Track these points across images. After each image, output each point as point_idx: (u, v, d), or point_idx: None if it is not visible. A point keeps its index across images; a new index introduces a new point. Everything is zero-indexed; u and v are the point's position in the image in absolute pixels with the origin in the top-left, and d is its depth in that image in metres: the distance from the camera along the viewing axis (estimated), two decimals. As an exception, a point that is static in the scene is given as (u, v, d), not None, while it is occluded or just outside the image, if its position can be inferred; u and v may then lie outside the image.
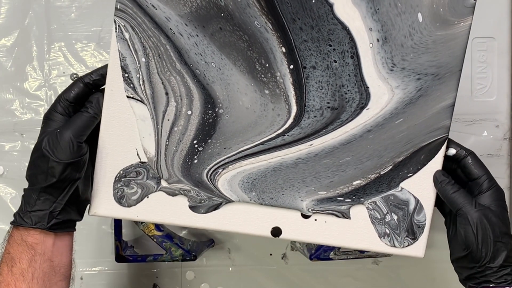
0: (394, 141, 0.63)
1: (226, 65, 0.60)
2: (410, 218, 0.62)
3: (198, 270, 0.81)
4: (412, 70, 0.61)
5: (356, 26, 0.60)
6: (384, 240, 0.62)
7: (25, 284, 0.51)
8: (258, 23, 0.60)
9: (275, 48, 0.61)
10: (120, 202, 0.61)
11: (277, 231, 0.63)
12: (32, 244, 0.52)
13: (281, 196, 0.63)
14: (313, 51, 0.61)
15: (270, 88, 0.61)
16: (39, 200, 0.53)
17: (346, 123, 0.63)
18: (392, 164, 0.63)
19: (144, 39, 0.60)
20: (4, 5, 0.75)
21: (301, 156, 0.62)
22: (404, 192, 0.63)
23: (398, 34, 0.60)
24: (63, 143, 0.53)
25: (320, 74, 0.61)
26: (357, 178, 0.64)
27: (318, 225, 0.63)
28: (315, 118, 0.62)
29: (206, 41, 0.60)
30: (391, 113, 0.63)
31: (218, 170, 0.62)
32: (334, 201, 0.63)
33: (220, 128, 0.61)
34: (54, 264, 0.53)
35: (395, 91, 0.62)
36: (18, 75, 0.77)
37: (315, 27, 0.60)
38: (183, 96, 0.61)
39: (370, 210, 0.63)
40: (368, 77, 0.62)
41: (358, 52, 0.61)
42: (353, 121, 0.63)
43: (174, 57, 0.60)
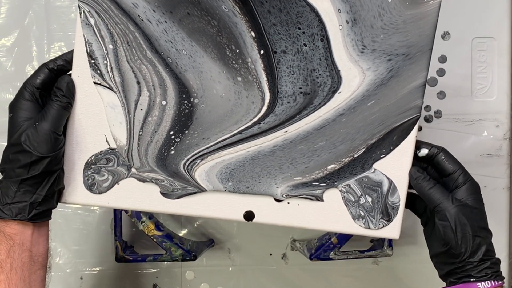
0: (367, 123, 0.56)
1: (197, 52, 0.54)
2: (384, 199, 0.56)
3: (198, 270, 0.74)
4: (383, 51, 0.54)
5: (324, 7, 0.53)
6: (358, 222, 0.56)
7: (3, 275, 0.47)
8: (226, 7, 0.54)
9: (244, 33, 0.54)
10: (91, 190, 0.56)
11: (250, 215, 0.57)
12: (10, 235, 0.48)
13: (257, 184, 0.56)
14: (282, 35, 0.54)
15: (242, 75, 0.55)
16: (19, 191, 0.48)
17: (319, 108, 0.56)
18: (365, 147, 0.57)
19: (111, 26, 0.53)
20: (4, 5, 0.70)
21: (278, 143, 0.56)
22: (377, 173, 0.57)
23: (368, 15, 0.54)
24: (43, 136, 0.48)
25: (291, 58, 0.55)
26: (332, 162, 0.57)
27: (291, 208, 0.57)
28: (288, 104, 0.56)
29: (175, 27, 0.54)
30: (363, 95, 0.56)
31: (196, 161, 0.56)
32: (309, 186, 0.57)
33: (197, 119, 0.55)
34: (32, 254, 0.49)
35: (366, 73, 0.56)
36: (18, 75, 0.71)
37: (283, 10, 0.53)
38: (156, 85, 0.55)
39: (344, 193, 0.57)
40: (339, 60, 0.55)
41: (328, 35, 0.55)
42: (325, 106, 0.56)
43: (144, 45, 0.54)
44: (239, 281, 0.73)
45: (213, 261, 0.73)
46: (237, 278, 0.73)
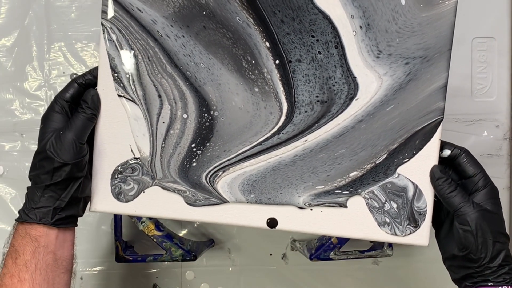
0: (387, 128, 0.51)
1: (214, 64, 0.51)
2: (410, 205, 0.50)
3: (198, 270, 0.68)
4: (399, 55, 0.50)
5: (337, 14, 0.49)
6: (384, 229, 0.50)
7: (28, 275, 0.45)
8: (240, 18, 0.50)
9: (259, 43, 0.50)
10: (118, 198, 0.52)
11: (273, 222, 0.52)
12: (36, 237, 0.46)
13: (279, 195, 0.52)
14: (296, 44, 0.50)
15: (259, 86, 0.51)
16: (43, 197, 0.47)
17: (337, 115, 0.51)
18: (386, 152, 0.51)
19: (131, 41, 0.51)
20: (4, 5, 0.64)
21: (298, 153, 0.51)
22: (401, 178, 0.51)
23: (381, 19, 0.49)
24: (66, 144, 0.47)
25: (306, 67, 0.50)
26: (353, 170, 0.52)
27: (315, 215, 0.52)
28: (306, 113, 0.51)
29: (192, 41, 0.51)
30: (381, 100, 0.51)
31: (218, 172, 0.52)
32: (331, 194, 0.52)
33: (218, 131, 0.51)
34: (57, 257, 0.47)
35: (383, 78, 0.51)
36: (18, 75, 0.66)
37: (296, 19, 0.49)
38: (177, 99, 0.52)
39: (368, 199, 0.51)
40: (354, 67, 0.50)
41: (342, 41, 0.50)
42: (343, 113, 0.51)
43: (164, 60, 0.51)
44: (239, 281, 0.67)
45: (213, 261, 0.68)
46: (237, 278, 0.67)
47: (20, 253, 0.45)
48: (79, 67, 0.66)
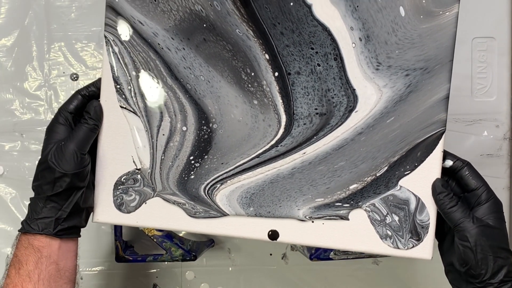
0: (387, 140, 0.48)
1: (214, 77, 0.48)
2: (413, 218, 0.47)
3: (198, 270, 0.65)
4: (399, 67, 0.47)
5: (336, 26, 0.46)
6: (387, 242, 0.47)
7: (31, 285, 0.43)
8: (240, 31, 0.48)
9: (259, 56, 0.48)
10: (120, 209, 0.50)
11: (275, 234, 0.49)
12: (39, 247, 0.44)
13: (278, 208, 0.49)
14: (296, 56, 0.47)
15: (258, 98, 0.48)
16: (45, 208, 0.45)
17: (336, 128, 0.48)
18: (387, 165, 0.48)
19: (133, 54, 0.49)
20: (4, 5, 0.61)
21: (296, 165, 0.49)
22: (403, 190, 0.48)
23: (381, 31, 0.46)
24: (67, 155, 0.45)
25: (305, 79, 0.48)
26: (354, 182, 0.48)
27: (316, 227, 0.48)
28: (305, 126, 0.48)
29: (192, 53, 0.48)
30: (381, 112, 0.48)
31: (216, 185, 0.49)
32: (332, 207, 0.48)
33: (216, 144, 0.49)
34: (59, 267, 0.45)
35: (383, 90, 0.48)
36: (18, 75, 0.63)
37: (295, 31, 0.47)
38: (176, 111, 0.49)
39: (369, 212, 0.48)
40: (353, 79, 0.48)
41: (341, 53, 0.47)
42: (343, 125, 0.48)
43: (165, 72, 0.49)
44: (239, 281, 0.64)
45: (213, 261, 0.64)
46: (237, 278, 0.64)
47: (23, 263, 0.43)
48: (79, 67, 0.63)
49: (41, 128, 0.62)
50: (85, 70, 0.63)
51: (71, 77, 0.63)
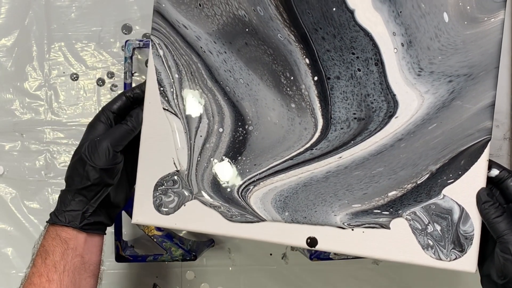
0: (429, 147, 0.44)
1: (253, 80, 0.47)
2: (456, 228, 0.43)
3: (198, 270, 0.62)
4: (442, 73, 0.44)
5: (378, 31, 0.44)
6: (428, 252, 0.43)
7: (56, 275, 0.42)
8: (281, 35, 0.46)
9: (299, 60, 0.46)
10: (159, 210, 0.48)
11: (313, 242, 0.46)
12: (65, 239, 0.43)
13: (314, 213, 0.46)
14: (336, 61, 0.45)
15: (296, 102, 0.46)
16: (74, 201, 0.44)
17: (375, 133, 0.45)
18: (429, 173, 0.44)
19: (176, 57, 0.48)
20: (4, 5, 0.59)
21: (331, 169, 0.45)
22: (447, 199, 0.44)
23: (424, 36, 0.43)
24: (100, 150, 0.44)
25: (344, 84, 0.45)
26: (393, 189, 0.45)
27: (356, 235, 0.45)
28: (342, 130, 0.46)
29: (233, 57, 0.47)
30: (423, 119, 0.44)
31: (249, 187, 0.47)
32: (370, 214, 0.45)
33: (250, 145, 0.47)
34: (84, 260, 0.44)
35: (425, 96, 0.44)
36: (18, 75, 0.60)
37: (337, 36, 0.45)
38: (214, 113, 0.48)
39: (410, 220, 0.44)
40: (394, 84, 0.45)
41: (382, 58, 0.45)
42: (382, 131, 0.45)
43: (205, 75, 0.47)
44: (239, 281, 0.61)
45: (213, 261, 0.62)
46: (237, 278, 0.61)
47: (50, 253, 0.42)
48: (79, 67, 0.61)
49: (41, 128, 0.60)
50: (85, 70, 0.60)
51: (71, 77, 0.61)
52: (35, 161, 0.59)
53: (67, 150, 0.60)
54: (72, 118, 0.60)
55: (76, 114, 0.60)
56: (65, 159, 0.60)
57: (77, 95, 0.60)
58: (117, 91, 0.59)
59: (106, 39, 0.59)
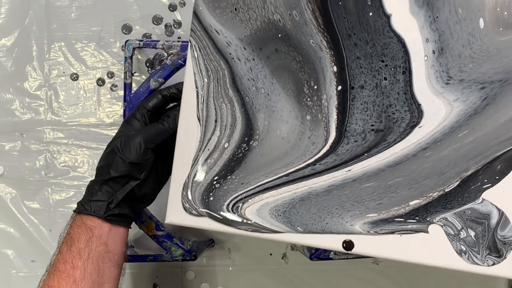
0: (459, 155, 0.35)
1: (275, 90, 0.38)
2: (493, 233, 0.34)
3: (198, 270, 0.53)
4: (473, 80, 0.35)
5: (412, 37, 0.36)
6: (464, 257, 0.35)
7: (81, 262, 0.36)
8: (314, 41, 0.37)
9: (327, 68, 0.37)
10: (186, 211, 0.39)
11: (350, 245, 0.36)
12: (91, 227, 0.38)
13: (325, 224, 0.36)
14: (364, 69, 0.37)
15: (312, 113, 0.38)
16: (100, 191, 0.39)
17: (394, 145, 0.36)
18: (459, 179, 0.36)
19: (207, 62, 0.40)
20: (4, 5, 0.51)
21: (335, 183, 0.36)
22: (486, 203, 0.35)
23: (456, 43, 0.35)
24: (132, 144, 0.39)
25: (367, 94, 0.37)
26: (415, 198, 0.36)
27: (393, 239, 0.36)
28: (355, 143, 0.37)
29: (260, 64, 0.38)
30: (452, 127, 0.36)
31: (238, 204, 0.38)
32: (392, 222, 0.36)
33: (246, 163, 0.38)
34: (109, 249, 0.38)
35: (454, 104, 0.36)
36: (18, 75, 0.52)
37: (369, 42, 0.36)
38: (228, 126, 0.39)
39: (442, 226, 0.35)
40: (419, 94, 0.36)
41: (411, 67, 0.36)
42: (402, 142, 0.36)
43: (229, 83, 0.39)
44: (239, 281, 0.54)
45: (213, 261, 0.54)
46: (237, 278, 0.54)
47: (75, 240, 0.37)
48: (79, 67, 0.53)
49: (41, 128, 0.52)
50: (85, 70, 0.53)
51: (71, 77, 0.53)
52: (35, 161, 0.52)
53: (67, 150, 0.53)
54: (72, 118, 0.53)
55: (76, 114, 0.53)
56: (65, 159, 0.52)
57: (77, 95, 0.53)
58: (117, 91, 0.52)
59: (106, 39, 0.52)
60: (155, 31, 0.50)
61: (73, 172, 0.52)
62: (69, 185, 0.52)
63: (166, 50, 0.45)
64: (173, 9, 0.49)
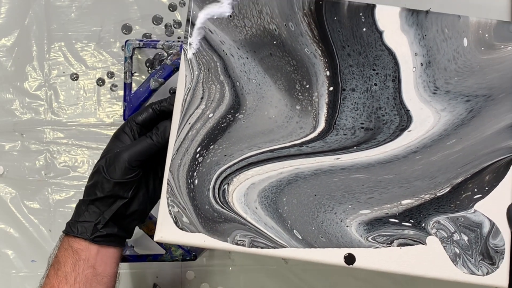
0: (448, 162, 0.35)
1: (266, 82, 0.36)
2: (485, 241, 0.34)
3: (198, 270, 0.50)
4: (459, 93, 0.35)
5: (402, 51, 0.35)
6: (459, 266, 0.33)
7: (67, 287, 0.33)
8: (308, 50, 0.36)
9: (320, 72, 0.36)
10: (177, 226, 0.34)
11: (351, 259, 0.34)
12: (77, 250, 0.34)
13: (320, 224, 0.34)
14: (356, 75, 0.35)
15: (302, 105, 0.35)
16: (87, 211, 0.35)
17: (384, 144, 0.35)
18: (450, 186, 0.35)
19: (198, 58, 0.37)
20: (4, 5, 0.47)
21: (323, 167, 0.34)
22: (478, 214, 0.34)
23: (442, 58, 0.35)
24: (117, 163, 0.34)
25: (358, 96, 0.35)
26: (407, 197, 0.35)
27: (394, 251, 0.34)
28: (344, 136, 0.35)
29: (254, 63, 0.36)
30: (440, 134, 0.35)
31: (224, 186, 0.33)
32: (387, 224, 0.34)
33: (230, 132, 0.34)
34: (97, 272, 0.34)
35: (441, 113, 0.35)
36: (18, 75, 0.48)
37: (362, 53, 0.35)
38: (214, 100, 0.35)
39: (436, 230, 0.34)
40: (408, 101, 0.35)
41: (400, 76, 0.35)
42: (393, 142, 0.35)
43: (220, 71, 0.36)
44: (239, 281, 0.50)
45: (213, 261, 0.50)
46: (237, 278, 0.50)
47: (62, 264, 0.34)
48: (79, 67, 0.48)
49: (41, 128, 0.48)
50: (85, 70, 0.49)
51: (71, 77, 0.48)
52: (35, 161, 0.49)
53: (67, 150, 0.48)
54: (72, 118, 0.49)
55: (76, 114, 0.49)
56: (65, 159, 0.48)
57: (77, 95, 0.48)
58: (117, 91, 0.48)
59: (106, 39, 0.47)
60: (155, 31, 0.46)
61: (73, 172, 0.47)
62: (69, 185, 0.47)
63: (166, 50, 0.41)
64: (173, 9, 0.45)
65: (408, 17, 0.33)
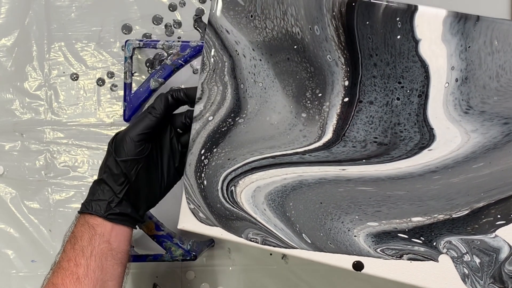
0: (472, 185, 0.27)
1: (274, 87, 0.28)
2: (500, 266, 0.27)
3: (198, 270, 0.43)
4: (496, 114, 0.27)
5: (437, 64, 0.26)
6: (468, 286, 0.27)
7: (84, 260, 0.30)
8: (331, 57, 0.28)
9: (337, 81, 0.28)
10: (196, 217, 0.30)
11: (360, 265, 0.28)
12: (93, 225, 0.31)
13: (328, 231, 0.28)
14: (377, 87, 0.27)
15: (309, 113, 0.28)
16: (101, 190, 0.31)
17: (398, 160, 0.28)
18: (469, 209, 0.28)
19: (206, 58, 0.30)
20: (4, 5, 0.40)
21: (327, 177, 0.28)
22: (498, 239, 0.27)
23: (483, 74, 0.26)
24: (123, 141, 0.31)
25: (375, 109, 0.28)
26: (417, 215, 0.28)
27: (403, 263, 0.28)
28: (353, 148, 0.28)
29: (266, 66, 0.28)
30: (466, 157, 0.27)
31: (231, 187, 0.29)
32: (396, 238, 0.28)
33: (230, 137, 0.29)
34: (112, 247, 0.31)
35: (471, 134, 0.27)
36: (18, 75, 0.41)
37: (390, 64, 0.27)
38: (214, 103, 0.29)
39: (447, 250, 0.28)
40: (433, 118, 0.27)
41: (428, 91, 0.27)
42: (408, 160, 0.28)
43: (226, 72, 0.29)
44: (239, 281, 0.44)
45: (213, 261, 0.44)
46: (237, 278, 0.44)
47: (78, 239, 0.30)
48: (79, 67, 0.42)
49: (41, 128, 0.42)
50: (85, 70, 0.43)
51: (71, 77, 0.42)
52: (35, 161, 0.43)
53: (67, 150, 0.42)
54: (72, 118, 0.43)
55: (76, 114, 0.42)
56: (65, 159, 0.42)
57: (77, 95, 0.42)
58: (117, 91, 0.42)
59: (106, 39, 0.41)
60: (155, 31, 0.40)
61: (73, 172, 0.42)
62: (69, 185, 0.42)
63: (166, 50, 0.36)
64: (173, 9, 0.40)
65: (453, 24, 0.25)
